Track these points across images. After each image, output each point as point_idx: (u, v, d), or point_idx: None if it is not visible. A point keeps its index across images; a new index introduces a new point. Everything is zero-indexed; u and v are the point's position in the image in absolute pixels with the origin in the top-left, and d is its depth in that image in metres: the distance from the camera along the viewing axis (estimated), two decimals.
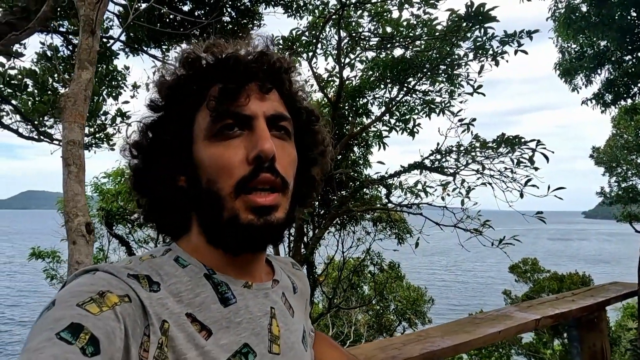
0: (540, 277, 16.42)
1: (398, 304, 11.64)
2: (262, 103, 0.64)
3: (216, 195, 0.61)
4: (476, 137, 6.14)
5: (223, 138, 0.62)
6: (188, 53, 0.67)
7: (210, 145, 0.62)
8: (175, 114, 0.66)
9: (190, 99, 0.65)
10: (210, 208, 0.63)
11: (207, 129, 0.62)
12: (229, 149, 0.61)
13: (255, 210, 0.60)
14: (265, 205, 0.60)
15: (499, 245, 5.59)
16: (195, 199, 0.65)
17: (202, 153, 0.63)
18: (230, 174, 0.60)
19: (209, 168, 0.62)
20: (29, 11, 2.87)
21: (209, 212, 0.63)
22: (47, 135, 4.53)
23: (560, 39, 9.68)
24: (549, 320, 1.76)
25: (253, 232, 0.60)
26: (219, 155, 0.61)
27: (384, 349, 1.36)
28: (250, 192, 0.60)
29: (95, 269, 0.56)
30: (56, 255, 8.22)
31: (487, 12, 5.35)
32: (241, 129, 0.62)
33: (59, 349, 0.43)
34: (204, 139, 0.63)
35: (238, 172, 0.60)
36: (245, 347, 0.61)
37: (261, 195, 0.60)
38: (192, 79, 0.65)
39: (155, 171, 0.67)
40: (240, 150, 0.61)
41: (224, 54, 0.66)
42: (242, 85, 0.62)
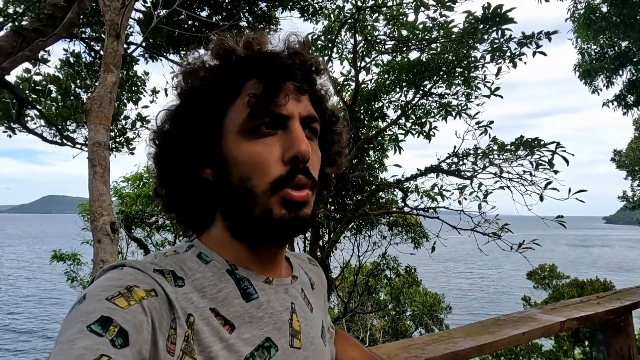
0: (560, 283, 16.06)
1: (415, 308, 11.52)
2: (298, 103, 0.64)
3: (250, 192, 0.62)
4: (494, 140, 6.07)
5: (258, 135, 0.62)
6: (223, 44, 0.66)
7: (245, 141, 0.62)
8: (207, 104, 0.65)
9: (224, 91, 0.65)
10: (241, 203, 0.63)
11: (242, 124, 0.62)
12: (265, 147, 0.61)
13: (288, 205, 0.61)
14: (299, 201, 0.62)
15: (518, 250, 5.50)
16: (223, 192, 0.65)
17: (234, 148, 0.63)
18: (265, 173, 0.61)
19: (242, 165, 0.62)
20: (54, 18, 2.95)
21: (239, 207, 0.64)
22: (70, 139, 4.65)
23: (580, 40, 9.51)
24: (574, 322, 1.72)
25: (284, 226, 0.62)
26: (254, 153, 0.61)
27: (406, 349, 1.35)
28: (286, 188, 0.61)
29: (122, 265, 0.58)
30: (77, 257, 8.38)
31: (504, 14, 5.30)
32: (276, 127, 0.62)
33: (90, 340, 0.44)
34: (238, 134, 0.63)
35: (274, 172, 0.61)
36: (267, 341, 0.62)
37: (296, 191, 0.62)
38: (228, 71, 0.65)
39: (179, 161, 0.66)
40: (275, 149, 0.62)
41: (262, 49, 0.66)
42: (282, 84, 0.62)
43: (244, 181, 0.62)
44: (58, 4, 2.94)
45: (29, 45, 2.65)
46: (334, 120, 0.75)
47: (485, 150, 6.14)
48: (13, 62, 2.41)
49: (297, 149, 0.60)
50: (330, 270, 8.20)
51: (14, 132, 4.95)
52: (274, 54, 0.65)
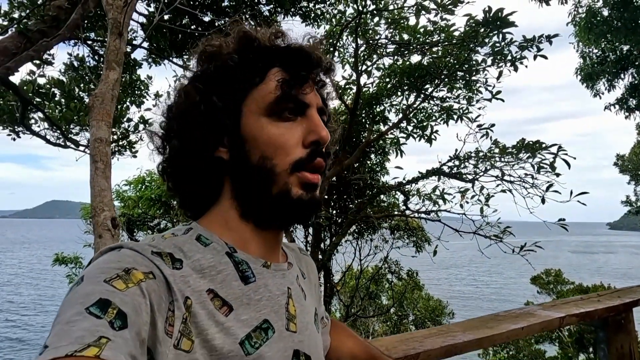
0: (564, 288, 15.95)
1: (417, 313, 11.47)
2: (315, 95, 0.70)
3: (270, 171, 0.65)
4: (495, 143, 6.08)
5: (282, 119, 0.66)
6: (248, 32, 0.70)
7: (269, 122, 0.66)
8: (232, 85, 0.68)
9: (251, 74, 0.67)
10: (259, 182, 0.66)
11: (268, 107, 0.66)
12: (288, 131, 0.66)
13: (305, 186, 0.66)
14: (314, 183, 0.67)
15: (519, 252, 5.48)
16: (239, 171, 0.67)
17: (256, 128, 0.66)
18: (287, 153, 0.65)
19: (264, 145, 0.65)
20: (58, 20, 2.99)
21: (256, 186, 0.66)
22: (73, 141, 4.67)
23: (581, 44, 9.53)
24: (574, 318, 1.72)
25: (301, 206, 0.66)
26: (279, 134, 0.65)
27: (404, 342, 1.35)
28: (304, 170, 0.66)
29: (120, 247, 0.58)
30: (79, 260, 8.41)
31: (505, 17, 5.32)
32: (297, 114, 0.67)
33: (89, 322, 0.45)
34: (262, 116, 0.66)
35: (295, 153, 0.65)
36: (265, 322, 0.63)
37: (311, 173, 0.67)
38: (255, 56, 0.68)
39: (194, 138, 0.67)
40: (297, 132, 0.66)
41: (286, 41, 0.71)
42: (308, 75, 0.68)
43: (264, 160, 0.65)
44: (62, 6, 2.98)
45: (34, 45, 2.68)
46: (330, 117, 0.80)
47: (487, 153, 6.14)
48: (17, 62, 2.44)
49: (319, 134, 0.66)
50: (332, 274, 8.18)
51: (18, 135, 4.98)
52: (300, 47, 0.70)
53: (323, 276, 7.73)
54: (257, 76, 0.67)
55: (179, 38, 5.39)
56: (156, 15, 2.84)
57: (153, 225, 7.37)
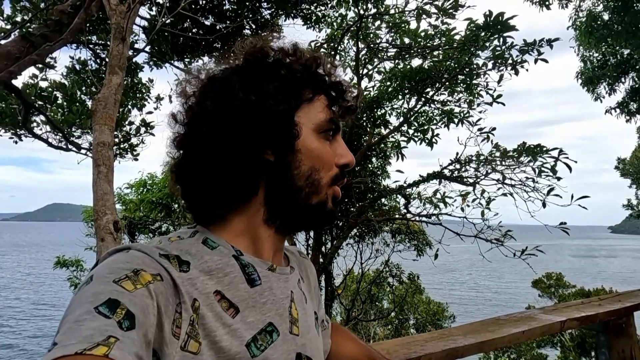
0: (566, 292, 15.89)
1: (418, 316, 11.44)
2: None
3: (317, 182, 0.70)
4: (496, 146, 6.08)
5: (326, 138, 0.72)
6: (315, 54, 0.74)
7: (319, 139, 0.71)
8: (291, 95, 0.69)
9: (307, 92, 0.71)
10: (305, 190, 0.69)
11: (319, 124, 0.71)
12: (329, 150, 0.73)
13: (334, 200, 0.74)
14: (340, 199, 0.75)
15: (521, 256, 5.47)
16: (284, 177, 0.68)
17: (310, 141, 0.70)
18: (329, 169, 0.72)
19: (316, 158, 0.70)
20: (61, 24, 3.01)
21: (300, 194, 0.69)
22: (75, 144, 4.69)
23: (582, 48, 9.55)
24: (575, 322, 1.72)
25: (330, 216, 0.74)
26: (326, 152, 0.72)
27: (406, 345, 1.35)
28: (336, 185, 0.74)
29: (128, 248, 0.59)
30: (80, 264, 8.41)
31: (505, 21, 5.34)
32: (332, 136, 0.74)
33: (98, 322, 0.45)
34: (314, 131, 0.71)
35: (332, 170, 0.73)
36: (270, 325, 0.64)
37: (339, 190, 0.75)
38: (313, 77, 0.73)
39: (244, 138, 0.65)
40: (333, 153, 0.74)
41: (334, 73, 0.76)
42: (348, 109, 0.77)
43: (313, 171, 0.70)
44: (65, 11, 2.99)
45: (37, 50, 2.70)
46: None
47: (488, 156, 6.14)
48: (20, 66, 2.45)
49: (349, 158, 0.75)
50: (333, 278, 8.17)
51: (20, 139, 5.01)
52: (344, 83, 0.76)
53: (324, 280, 7.72)
54: (313, 95, 0.72)
55: (181, 42, 5.42)
56: (158, 19, 2.86)
57: (154, 228, 7.38)
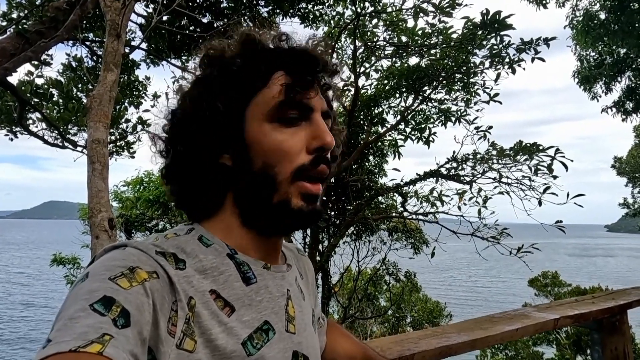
0: (561, 291, 15.96)
1: (415, 315, 11.47)
2: (320, 99, 0.68)
3: (271, 179, 0.64)
4: (493, 145, 6.10)
5: (286, 124, 0.64)
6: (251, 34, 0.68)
7: (272, 128, 0.64)
8: (235, 89, 0.66)
9: (254, 79, 0.66)
10: (260, 190, 0.65)
11: (270, 112, 0.64)
12: (292, 137, 0.64)
13: (306, 197, 0.64)
14: (315, 194, 0.65)
15: (517, 254, 5.49)
16: (241, 179, 0.66)
17: (259, 135, 0.64)
18: (290, 160, 0.63)
19: (267, 151, 0.64)
20: (57, 21, 3.00)
21: (257, 194, 0.65)
22: (71, 142, 4.67)
23: (579, 47, 9.58)
24: (568, 320, 1.73)
25: (301, 217, 0.65)
26: (282, 141, 0.63)
27: (399, 343, 1.36)
28: (304, 179, 0.64)
29: (124, 245, 0.58)
30: (77, 261, 8.39)
31: (502, 20, 5.35)
32: (301, 119, 0.65)
33: (93, 319, 0.45)
34: (265, 122, 0.64)
35: (298, 160, 0.64)
36: (266, 324, 0.64)
37: (313, 184, 0.65)
38: (258, 59, 0.67)
39: (197, 145, 0.66)
40: (301, 138, 0.64)
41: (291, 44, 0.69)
42: (313, 78, 0.66)
43: (267, 168, 0.64)
44: (61, 7, 2.98)
45: (32, 46, 2.69)
46: (335, 120, 0.78)
47: (485, 155, 6.16)
48: (15, 63, 2.44)
49: (324, 139, 0.64)
50: (330, 276, 8.18)
51: (15, 136, 4.98)
52: (304, 50, 0.68)
53: (321, 278, 7.73)
54: (260, 81, 0.66)
55: (178, 39, 5.40)
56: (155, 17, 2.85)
57: (151, 226, 7.36)
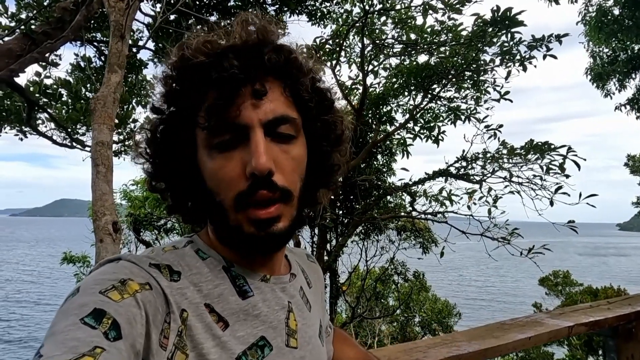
0: (573, 290, 15.79)
1: (423, 314, 11.41)
2: (258, 109, 0.58)
3: (219, 206, 0.60)
4: (503, 144, 6.01)
5: (220, 150, 0.59)
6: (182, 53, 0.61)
7: (210, 156, 0.60)
8: (176, 121, 0.63)
9: (186, 108, 0.61)
10: (215, 215, 0.62)
11: (204, 140, 0.60)
12: (227, 162, 0.58)
13: (256, 223, 0.59)
14: (267, 218, 0.58)
15: (527, 255, 5.41)
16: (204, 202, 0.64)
17: (203, 162, 0.62)
18: (229, 188, 0.58)
19: (210, 180, 0.61)
20: (63, 21, 3.00)
21: (216, 218, 0.63)
22: (80, 142, 4.70)
23: (592, 44, 9.42)
24: (583, 327, 1.68)
25: (255, 244, 0.60)
26: (218, 168, 0.59)
27: (408, 352, 1.32)
28: (249, 206, 0.58)
29: (118, 258, 0.58)
30: (87, 260, 8.46)
31: (513, 17, 5.26)
32: (238, 140, 0.58)
33: (83, 333, 0.44)
34: (204, 149, 0.61)
35: (236, 187, 0.58)
36: (261, 339, 0.61)
37: (261, 208, 0.58)
38: (186, 85, 0.61)
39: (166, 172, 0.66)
40: (238, 162, 0.58)
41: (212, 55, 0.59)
42: (232, 95, 0.57)
43: (213, 195, 0.60)
44: (67, 8, 2.98)
45: (38, 47, 2.69)
46: (326, 105, 0.68)
47: (495, 154, 6.08)
48: (22, 64, 2.44)
49: (254, 164, 0.56)
50: (338, 275, 8.16)
51: (25, 135, 5.02)
52: (221, 59, 0.58)
53: (329, 277, 7.71)
54: (194, 105, 0.60)
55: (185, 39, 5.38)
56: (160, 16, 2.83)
57: (159, 225, 7.40)
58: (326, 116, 0.68)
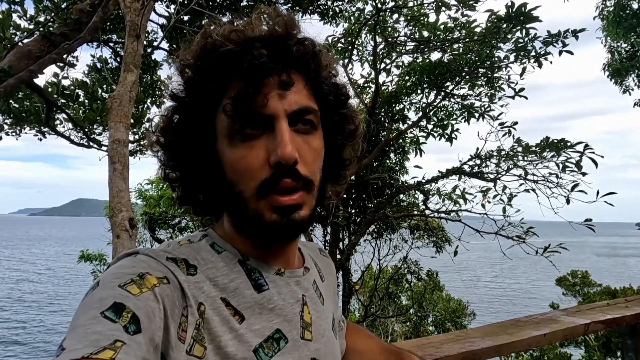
0: (591, 291, 15.49)
1: (437, 314, 11.33)
2: (284, 99, 0.60)
3: (239, 196, 0.61)
4: (518, 141, 5.93)
5: (244, 139, 0.59)
6: (206, 41, 0.62)
7: (232, 145, 0.60)
8: (196, 108, 0.63)
9: (209, 96, 0.62)
10: (235, 205, 0.63)
11: (227, 128, 0.60)
12: (251, 151, 0.59)
13: (279, 210, 0.59)
14: (290, 205, 0.59)
15: (543, 254, 5.33)
16: (222, 192, 0.65)
17: (224, 152, 0.62)
18: (251, 177, 0.59)
19: (230, 169, 0.61)
20: (80, 23, 3.06)
21: (235, 208, 0.64)
22: (96, 141, 4.78)
23: (609, 39, 9.22)
24: (600, 325, 1.65)
25: (277, 231, 0.60)
26: (240, 158, 0.59)
27: (421, 347, 1.32)
28: (273, 193, 0.59)
29: (136, 252, 0.58)
30: (103, 258, 8.61)
31: (528, 12, 5.18)
32: (262, 129, 0.59)
33: (103, 326, 0.45)
34: (225, 138, 0.61)
35: (259, 176, 0.59)
36: (277, 332, 0.62)
37: (285, 195, 0.59)
38: (209, 73, 0.62)
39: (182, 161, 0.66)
40: (261, 152, 0.59)
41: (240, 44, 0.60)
42: (259, 84, 0.58)
43: (233, 185, 0.61)
44: (84, 9, 3.04)
45: (56, 48, 2.74)
46: (343, 99, 0.69)
47: (510, 152, 6.00)
48: (41, 65, 2.50)
49: (281, 153, 0.57)
50: (351, 274, 8.15)
51: (44, 136, 5.15)
52: (250, 48, 0.59)
53: (341, 276, 7.71)
54: (217, 94, 0.61)
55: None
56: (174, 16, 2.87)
57: (174, 224, 7.50)
58: (343, 110, 0.69)
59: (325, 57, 0.66)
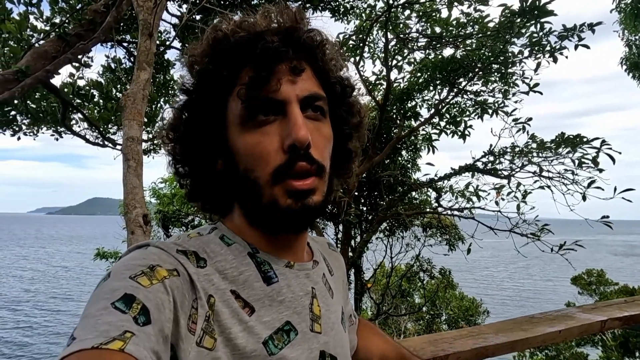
0: (607, 290, 15.21)
1: (450, 312, 11.25)
2: (295, 85, 0.61)
3: (254, 183, 0.61)
4: (532, 138, 5.85)
5: (257, 125, 0.61)
6: (216, 31, 0.64)
7: (245, 132, 0.61)
8: (207, 99, 0.64)
9: (220, 84, 0.63)
10: (249, 193, 0.63)
11: (240, 115, 0.61)
12: (264, 137, 0.60)
13: (293, 194, 0.60)
14: (304, 189, 0.60)
15: (558, 251, 5.25)
16: (234, 183, 0.66)
17: (236, 140, 0.63)
18: (266, 163, 0.60)
19: (244, 156, 0.62)
20: (95, 23, 3.11)
21: (248, 197, 0.64)
22: (111, 140, 4.85)
23: (627, 32, 9.01)
24: (617, 322, 1.62)
25: (291, 216, 0.61)
26: (254, 144, 0.60)
27: (434, 343, 1.31)
28: (288, 178, 0.60)
29: (147, 244, 0.59)
30: (118, 256, 8.76)
31: (543, 6, 5.09)
32: (275, 114, 0.61)
33: (114, 317, 0.46)
34: (238, 125, 0.62)
35: (274, 161, 0.60)
36: (287, 324, 0.62)
37: (299, 180, 0.60)
38: (221, 62, 0.63)
39: (192, 156, 0.67)
40: (275, 137, 0.60)
41: (252, 32, 0.63)
42: (272, 69, 0.60)
43: (247, 172, 0.62)
44: (98, 10, 3.08)
45: (71, 49, 2.79)
46: (348, 91, 0.71)
47: (524, 148, 5.92)
48: (56, 65, 2.54)
49: (295, 136, 0.58)
50: (363, 272, 8.14)
51: (60, 135, 5.24)
52: (262, 36, 0.61)
53: (353, 274, 7.70)
54: (228, 83, 0.62)
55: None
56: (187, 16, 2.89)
57: (187, 222, 7.57)
58: (349, 100, 0.71)
59: (332, 48, 0.68)
